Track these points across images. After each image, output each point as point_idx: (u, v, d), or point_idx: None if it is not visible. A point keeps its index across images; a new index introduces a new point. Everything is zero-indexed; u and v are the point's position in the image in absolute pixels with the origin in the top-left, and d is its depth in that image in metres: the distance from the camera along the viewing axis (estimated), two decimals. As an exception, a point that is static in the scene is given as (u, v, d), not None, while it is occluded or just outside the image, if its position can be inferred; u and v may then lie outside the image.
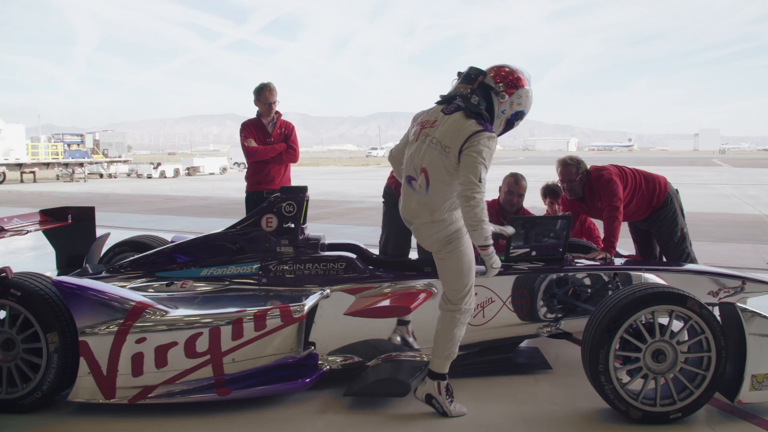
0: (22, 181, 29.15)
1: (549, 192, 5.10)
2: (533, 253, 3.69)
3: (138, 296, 3.20)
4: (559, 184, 4.57)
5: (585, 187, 4.38)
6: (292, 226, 3.61)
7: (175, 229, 10.59)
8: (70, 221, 4.51)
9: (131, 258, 3.92)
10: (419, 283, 3.46)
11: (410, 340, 3.50)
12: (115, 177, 34.15)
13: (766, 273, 6.72)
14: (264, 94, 4.94)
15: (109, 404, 3.06)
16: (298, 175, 5.49)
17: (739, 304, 3.03)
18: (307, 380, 3.18)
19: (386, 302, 3.24)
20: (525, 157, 77.75)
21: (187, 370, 3.05)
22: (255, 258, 3.57)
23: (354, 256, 3.55)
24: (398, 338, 3.49)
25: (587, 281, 3.75)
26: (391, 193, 4.00)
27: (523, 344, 3.98)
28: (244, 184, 5.13)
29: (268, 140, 5.00)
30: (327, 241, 4.02)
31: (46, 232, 4.47)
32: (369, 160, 59.17)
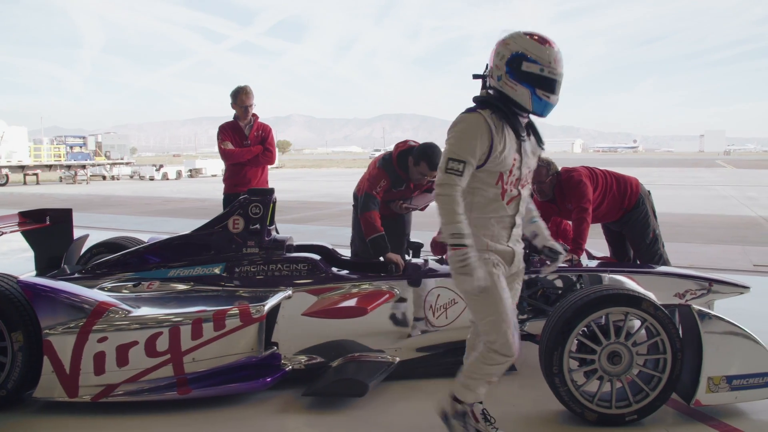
0: (25, 183, 29.37)
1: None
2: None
3: (101, 296, 3.26)
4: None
5: (555, 188, 4.40)
6: (259, 227, 3.66)
7: (169, 231, 10.66)
8: (48, 223, 4.58)
9: (104, 259, 3.99)
10: (382, 285, 3.50)
11: None
12: (117, 179, 34.39)
13: (737, 275, 6.75)
14: (240, 97, 5.00)
15: (73, 402, 3.12)
16: (300, 176, 5.53)
17: (695, 306, 3.04)
18: (268, 380, 3.22)
19: (344, 303, 3.29)
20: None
21: (148, 369, 3.10)
22: (221, 259, 3.62)
23: (318, 257, 3.59)
24: None
25: (552, 283, 3.77)
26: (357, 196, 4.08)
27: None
28: None
29: (245, 143, 5.06)
30: (299, 243, 4.08)
31: (25, 234, 4.54)
32: (372, 162, 59.23)
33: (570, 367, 2.96)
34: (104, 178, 33.95)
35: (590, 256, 4.76)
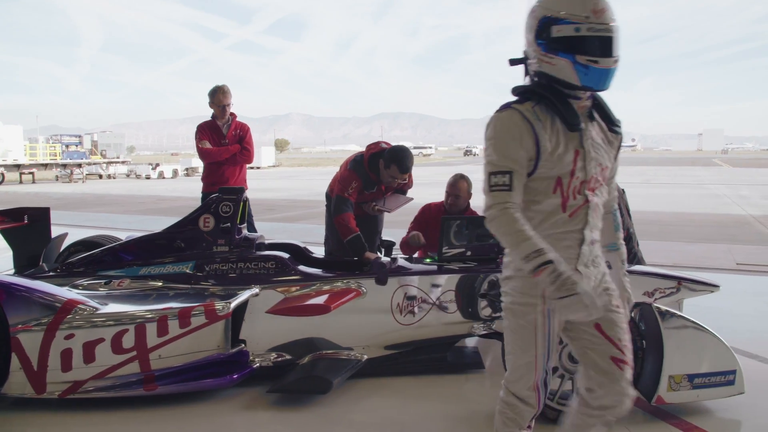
0: (21, 182, 29.38)
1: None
2: (468, 253, 3.75)
3: (69, 294, 3.29)
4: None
5: None
6: (229, 226, 3.69)
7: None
8: (26, 222, 4.61)
9: (79, 257, 4.02)
10: (349, 283, 3.53)
11: None
12: (113, 178, 34.37)
13: (719, 273, 6.80)
14: (218, 96, 5.03)
15: (41, 399, 3.14)
16: (296, 175, 5.60)
17: (656, 305, 3.06)
18: (235, 376, 3.25)
19: (308, 301, 3.31)
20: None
21: (114, 365, 3.12)
22: (191, 257, 3.66)
23: (286, 255, 3.62)
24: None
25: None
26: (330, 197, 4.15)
27: (472, 344, 4.04)
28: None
29: (222, 142, 5.09)
30: (272, 241, 4.11)
31: (3, 233, 4.57)
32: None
33: None
34: (100, 176, 33.94)
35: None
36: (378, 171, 4.08)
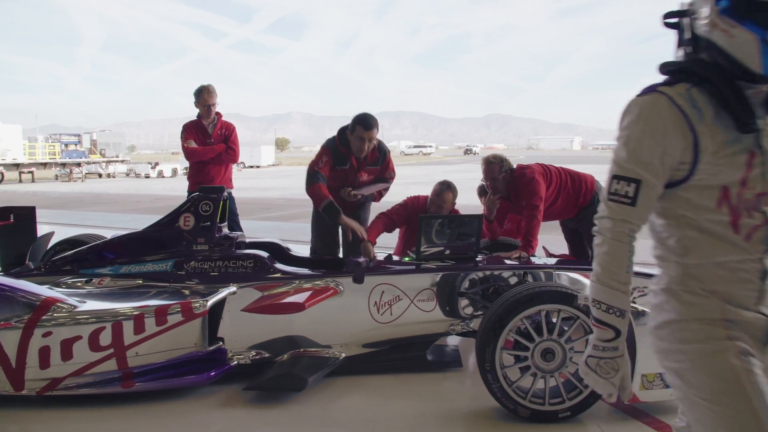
0: (20, 181, 29.48)
1: (484, 192, 5.18)
2: (446, 252, 3.77)
3: (48, 292, 3.32)
4: (484, 183, 4.63)
5: (509, 186, 4.45)
6: (209, 224, 3.72)
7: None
8: (12, 220, 4.65)
9: (63, 255, 4.06)
10: (325, 282, 3.56)
11: None
12: (113, 177, 34.45)
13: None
14: (203, 96, 5.07)
15: (20, 396, 3.17)
16: (294, 174, 5.66)
17: (631, 304, 3.07)
18: (212, 374, 3.28)
19: (284, 299, 3.34)
20: (527, 156, 77.66)
21: (92, 362, 3.15)
22: (170, 255, 3.69)
23: (265, 254, 3.65)
24: None
25: (506, 281, 3.78)
26: None
27: (452, 343, 4.06)
28: (241, 183, 5.24)
29: (208, 141, 5.13)
30: (253, 239, 4.14)
31: (-10, 231, 4.61)
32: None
33: (503, 364, 2.99)
34: (100, 176, 34.04)
35: (548, 254, 4.82)
36: (347, 143, 4.17)
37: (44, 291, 3.33)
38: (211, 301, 3.29)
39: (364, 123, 4.08)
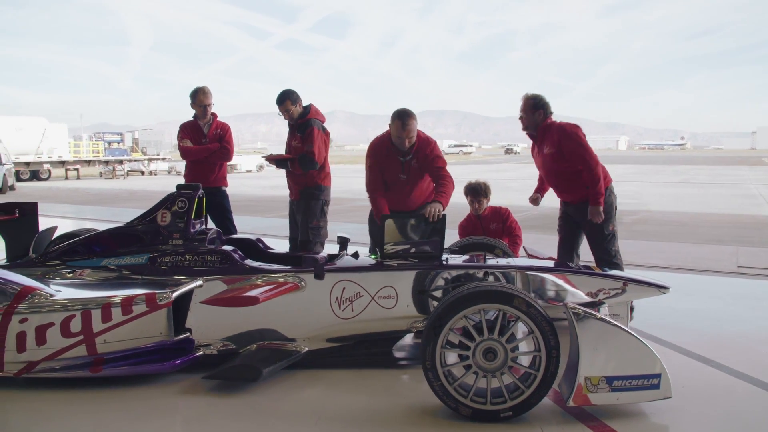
0: (66, 177, 30.74)
1: (470, 191, 5.23)
2: (412, 251, 3.84)
3: (27, 281, 3.55)
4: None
5: (539, 128, 4.61)
6: (185, 220, 3.91)
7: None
8: (16, 215, 4.95)
9: (55, 247, 4.32)
10: (288, 277, 3.69)
11: None
12: (155, 174, 35.53)
13: (717, 276, 6.67)
14: (198, 97, 5.28)
15: (2, 377, 3.41)
16: (333, 172, 5.86)
17: (571, 305, 3.03)
18: (177, 362, 3.46)
19: (242, 293, 3.47)
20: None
21: (63, 348, 3.37)
22: (146, 249, 3.89)
23: (233, 249, 3.81)
24: None
25: (461, 280, 3.82)
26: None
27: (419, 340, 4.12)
28: (274, 182, 5.46)
29: (203, 140, 5.33)
30: (233, 236, 4.31)
31: (-4, 225, 4.92)
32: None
33: (444, 362, 3.00)
34: (142, 173, 35.16)
35: (530, 255, 4.82)
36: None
37: (25, 280, 3.57)
38: (176, 293, 3.46)
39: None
